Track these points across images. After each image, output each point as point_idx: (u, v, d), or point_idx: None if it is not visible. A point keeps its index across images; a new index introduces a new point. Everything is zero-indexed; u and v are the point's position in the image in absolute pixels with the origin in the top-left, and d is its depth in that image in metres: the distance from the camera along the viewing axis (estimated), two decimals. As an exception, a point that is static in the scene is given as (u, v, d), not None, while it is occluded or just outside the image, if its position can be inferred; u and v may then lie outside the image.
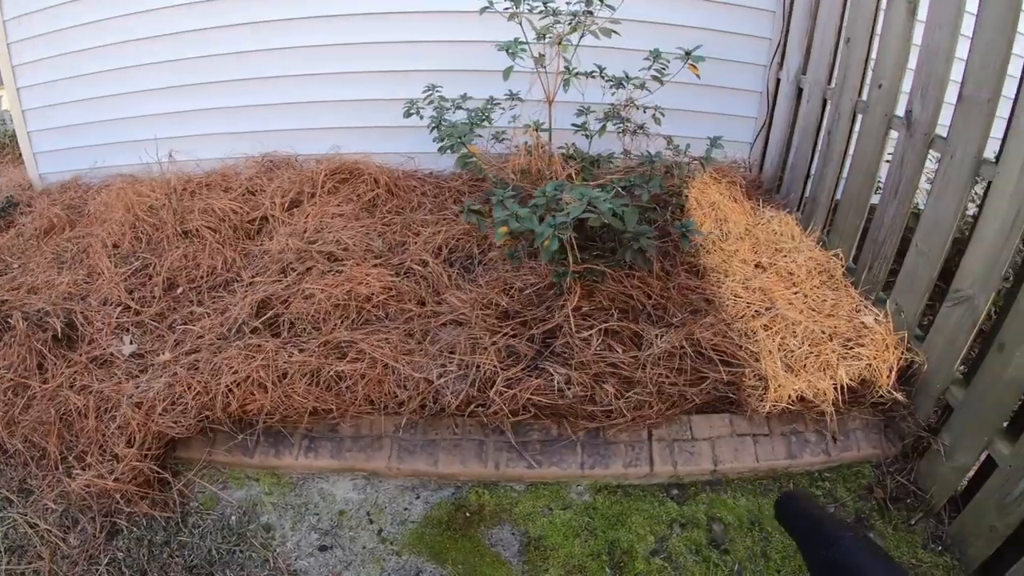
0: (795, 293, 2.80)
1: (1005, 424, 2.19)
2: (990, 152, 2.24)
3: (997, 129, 2.20)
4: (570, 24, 2.68)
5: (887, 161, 2.77)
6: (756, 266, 2.96)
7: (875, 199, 2.88)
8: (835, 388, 2.52)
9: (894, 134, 2.71)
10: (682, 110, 3.47)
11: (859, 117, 2.94)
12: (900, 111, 2.67)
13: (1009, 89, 2.11)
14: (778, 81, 3.66)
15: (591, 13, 2.71)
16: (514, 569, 2.22)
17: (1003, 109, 2.18)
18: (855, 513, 2.42)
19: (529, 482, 2.47)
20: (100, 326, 2.84)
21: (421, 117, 2.97)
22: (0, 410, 2.57)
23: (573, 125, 3.11)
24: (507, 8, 2.70)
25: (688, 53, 2.68)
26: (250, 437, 2.50)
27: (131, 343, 2.77)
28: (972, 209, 2.77)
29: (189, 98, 3.74)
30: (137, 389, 2.51)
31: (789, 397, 2.51)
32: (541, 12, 2.75)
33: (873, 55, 2.83)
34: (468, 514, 2.38)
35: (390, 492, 2.46)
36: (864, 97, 2.89)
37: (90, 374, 2.63)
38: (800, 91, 3.44)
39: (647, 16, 3.45)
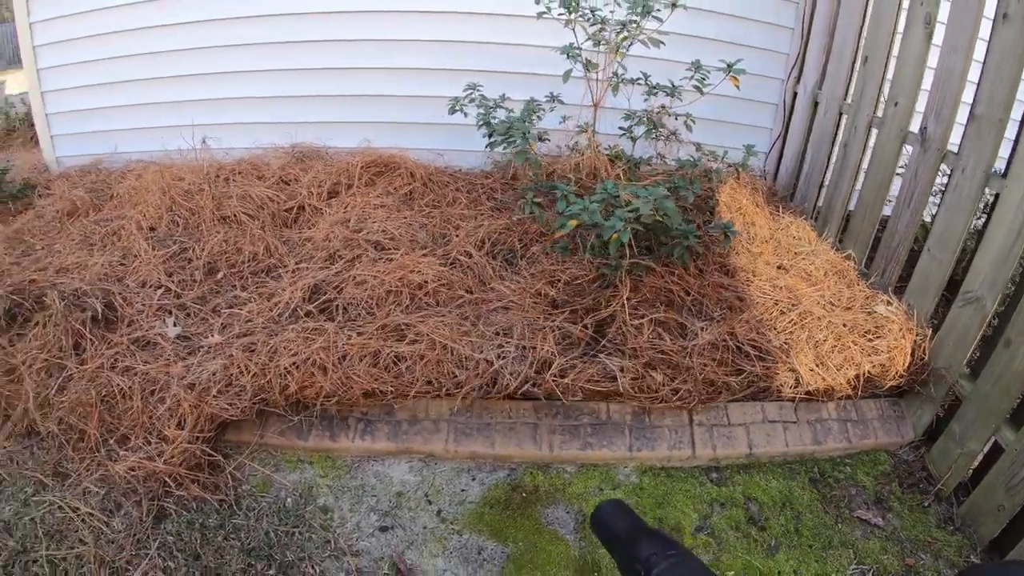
0: (817, 291, 2.99)
1: (1010, 413, 2.39)
2: (998, 167, 2.46)
3: (1003, 148, 2.43)
4: (621, 33, 2.83)
5: (898, 174, 2.99)
6: (779, 267, 3.15)
7: (884, 209, 3.10)
8: (857, 378, 2.72)
9: (907, 148, 2.92)
10: (704, 119, 3.64)
11: (874, 132, 3.13)
12: (914, 127, 2.87)
13: (1017, 112, 2.34)
14: (795, 94, 3.85)
15: (637, 24, 2.87)
16: (572, 545, 2.32)
17: (1010, 131, 2.40)
18: (875, 495, 2.60)
19: (580, 464, 2.58)
20: (140, 308, 2.79)
21: (465, 115, 3.07)
22: (32, 391, 2.48)
23: (620, 128, 3.25)
24: (561, 14, 2.84)
25: (730, 66, 2.85)
26: (306, 420, 2.53)
27: (175, 325, 2.76)
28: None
29: (218, 86, 3.74)
30: (188, 371, 2.50)
31: (817, 390, 2.70)
32: (591, 20, 2.90)
33: (889, 75, 3.04)
34: (524, 494, 2.47)
35: (446, 474, 2.53)
36: (880, 113, 3.09)
37: (133, 356, 2.58)
38: (816, 105, 3.64)
39: (671, 28, 3.60)
